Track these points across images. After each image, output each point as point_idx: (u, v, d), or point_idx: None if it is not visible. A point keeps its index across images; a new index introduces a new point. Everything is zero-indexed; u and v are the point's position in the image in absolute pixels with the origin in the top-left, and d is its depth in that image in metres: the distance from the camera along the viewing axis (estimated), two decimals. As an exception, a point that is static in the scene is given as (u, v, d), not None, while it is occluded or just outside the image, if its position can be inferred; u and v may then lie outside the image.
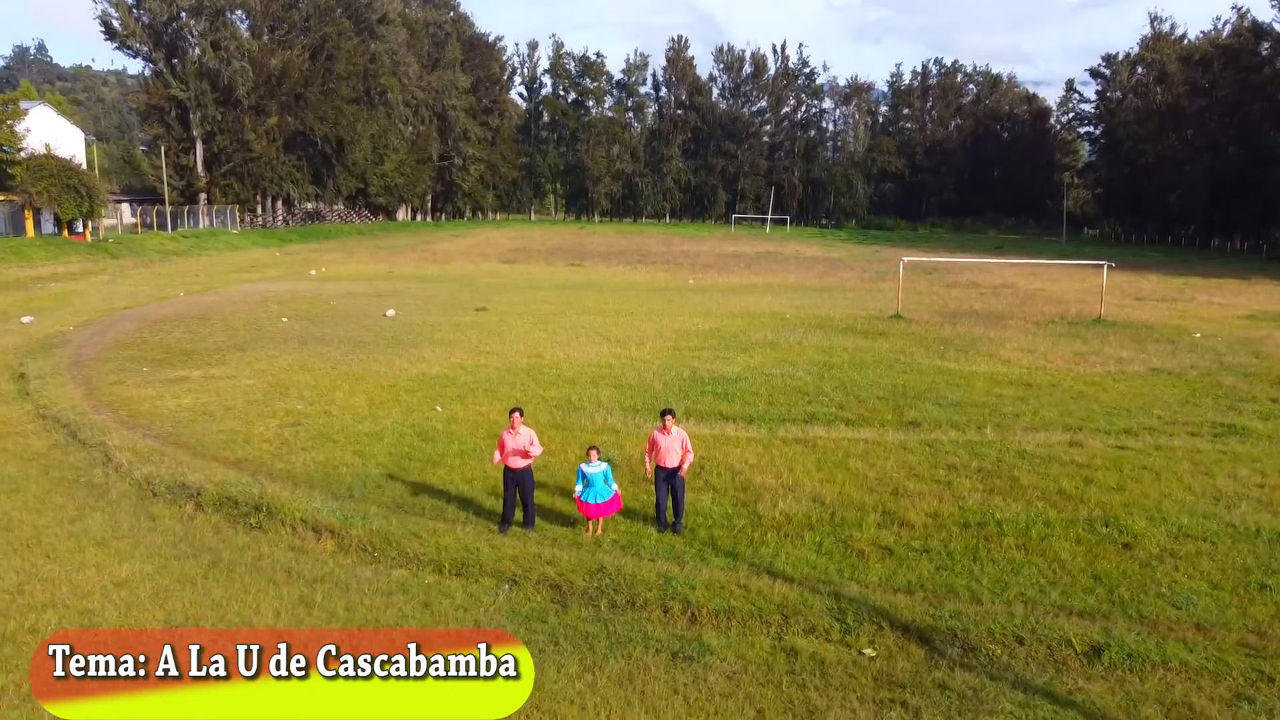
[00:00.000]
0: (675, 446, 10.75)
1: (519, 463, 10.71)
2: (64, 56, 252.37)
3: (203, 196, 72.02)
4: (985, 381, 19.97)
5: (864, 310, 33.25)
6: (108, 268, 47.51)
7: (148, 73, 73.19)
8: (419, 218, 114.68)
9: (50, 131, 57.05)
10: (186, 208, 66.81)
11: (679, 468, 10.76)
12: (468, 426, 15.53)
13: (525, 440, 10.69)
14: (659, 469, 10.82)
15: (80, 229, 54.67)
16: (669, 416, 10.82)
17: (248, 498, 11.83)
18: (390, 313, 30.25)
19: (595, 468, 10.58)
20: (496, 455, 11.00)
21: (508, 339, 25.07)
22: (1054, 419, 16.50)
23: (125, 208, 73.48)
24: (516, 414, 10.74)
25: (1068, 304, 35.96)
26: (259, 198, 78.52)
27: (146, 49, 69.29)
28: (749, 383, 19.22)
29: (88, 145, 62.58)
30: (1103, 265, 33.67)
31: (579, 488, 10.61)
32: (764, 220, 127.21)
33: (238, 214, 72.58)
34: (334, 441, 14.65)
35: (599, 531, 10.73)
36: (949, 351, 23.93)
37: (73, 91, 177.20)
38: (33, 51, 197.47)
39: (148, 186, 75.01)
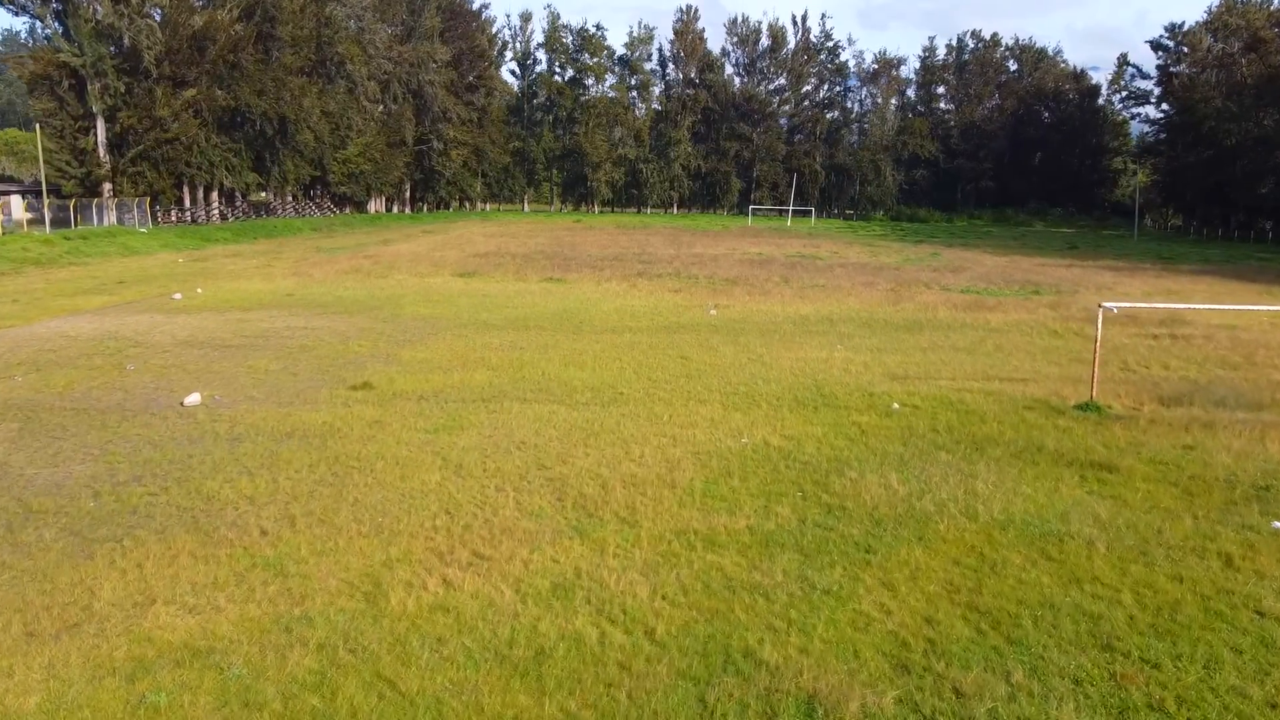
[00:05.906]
0: None
1: None
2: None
3: (107, 186, 58.80)
4: None
5: (1006, 379, 20.08)
6: (-91, 287, 34.58)
7: (39, 33, 60.06)
8: (396, 209, 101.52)
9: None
10: (77, 200, 53.49)
11: None
12: None
13: None
14: None
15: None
16: None
17: None
18: (192, 399, 17.18)
19: None
20: None
21: (358, 488, 12.01)
22: None
23: (14, 201, 60.55)
24: None
25: (1313, 360, 22.73)
26: (183, 188, 65.25)
27: (31, 4, 55.90)
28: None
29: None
30: None
31: None
32: (784, 211, 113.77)
33: (148, 207, 59.23)
34: None
35: None
36: (1313, 544, 10.75)
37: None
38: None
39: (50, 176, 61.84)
